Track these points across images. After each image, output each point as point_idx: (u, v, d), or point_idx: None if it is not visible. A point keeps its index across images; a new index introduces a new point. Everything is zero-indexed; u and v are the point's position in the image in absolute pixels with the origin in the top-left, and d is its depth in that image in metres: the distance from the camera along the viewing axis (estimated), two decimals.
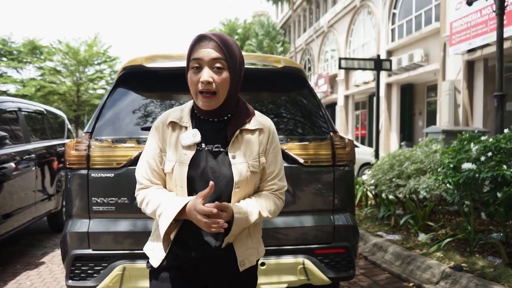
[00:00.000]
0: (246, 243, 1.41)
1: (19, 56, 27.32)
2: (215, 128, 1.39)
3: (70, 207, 2.34)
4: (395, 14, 17.08)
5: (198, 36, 1.33)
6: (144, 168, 1.41)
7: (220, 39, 1.31)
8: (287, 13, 32.10)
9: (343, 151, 2.48)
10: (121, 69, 2.59)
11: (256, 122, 1.43)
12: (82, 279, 2.25)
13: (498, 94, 5.06)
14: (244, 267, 1.39)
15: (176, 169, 1.34)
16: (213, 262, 1.38)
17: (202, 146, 1.36)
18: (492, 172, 3.16)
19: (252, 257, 1.42)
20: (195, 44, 1.32)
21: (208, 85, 1.28)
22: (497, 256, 3.48)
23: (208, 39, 1.31)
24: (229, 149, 1.36)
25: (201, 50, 1.29)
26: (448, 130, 6.61)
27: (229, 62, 1.31)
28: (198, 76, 1.29)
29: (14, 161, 4.18)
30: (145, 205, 1.38)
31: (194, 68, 1.30)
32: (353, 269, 2.45)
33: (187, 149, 1.35)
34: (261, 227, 1.52)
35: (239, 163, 1.34)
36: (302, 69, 2.77)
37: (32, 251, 4.67)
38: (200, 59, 1.29)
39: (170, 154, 1.37)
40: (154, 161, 1.40)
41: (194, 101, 1.37)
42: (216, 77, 1.29)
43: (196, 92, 1.32)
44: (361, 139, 21.01)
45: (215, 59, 1.29)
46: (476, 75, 12.01)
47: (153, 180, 1.40)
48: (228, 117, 1.40)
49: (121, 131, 2.38)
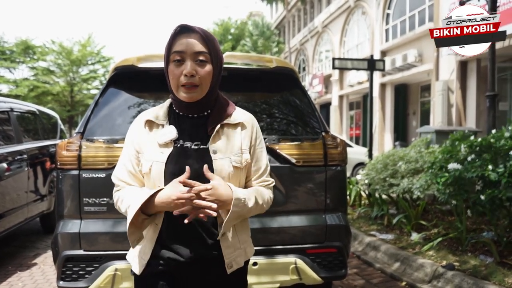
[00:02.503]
0: (233, 244, 1.34)
1: (11, 56, 27.09)
2: (195, 124, 1.35)
3: (62, 207, 2.33)
4: (389, 14, 17.14)
5: (180, 26, 1.28)
6: (120, 171, 1.38)
7: (204, 31, 1.28)
8: (281, 13, 32.11)
9: (335, 151, 2.49)
10: (113, 69, 2.58)
11: (238, 116, 1.39)
12: (74, 280, 2.24)
13: (490, 94, 5.09)
14: (231, 269, 1.34)
15: (153, 169, 1.29)
16: (200, 266, 1.32)
17: (180, 142, 1.31)
18: (478, 172, 3.18)
19: (240, 258, 1.37)
20: (175, 35, 1.28)
21: (192, 78, 1.25)
22: (489, 255, 3.51)
23: (190, 30, 1.27)
24: (210, 144, 1.31)
25: (183, 41, 1.26)
26: (440, 130, 6.66)
27: (212, 56, 1.28)
28: (181, 69, 1.26)
29: (6, 162, 4.15)
30: (120, 203, 1.33)
31: (175, 61, 1.26)
32: (345, 268, 2.46)
33: (164, 147, 1.30)
34: (248, 225, 1.46)
35: (220, 159, 1.29)
36: (294, 69, 2.78)
37: (24, 252, 4.64)
38: (183, 52, 1.25)
39: (147, 154, 1.32)
40: (130, 163, 1.36)
41: (174, 95, 1.32)
42: (199, 70, 1.26)
43: (177, 86, 1.28)
44: (355, 139, 21.07)
45: (199, 52, 1.26)
46: (469, 75, 12.09)
47: (129, 183, 1.36)
48: (208, 112, 1.36)
49: (112, 131, 2.37)
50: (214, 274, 1.34)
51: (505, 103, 11.54)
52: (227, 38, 32.89)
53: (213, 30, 33.18)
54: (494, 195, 3.04)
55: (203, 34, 1.27)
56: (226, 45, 31.14)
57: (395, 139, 16.55)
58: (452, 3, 11.49)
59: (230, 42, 31.95)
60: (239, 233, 1.38)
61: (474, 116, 11.76)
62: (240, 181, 1.35)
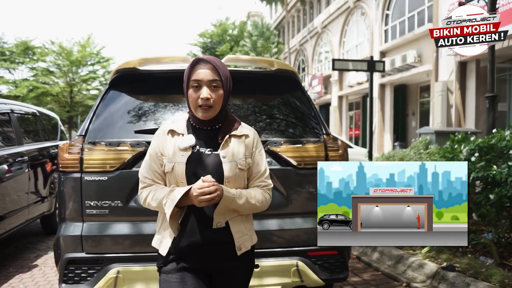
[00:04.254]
0: (241, 229, 1.63)
1: (11, 56, 27.06)
2: (208, 136, 1.65)
3: (63, 210, 2.33)
4: (388, 15, 17.17)
5: (195, 59, 1.60)
6: (147, 170, 1.65)
7: (214, 62, 1.59)
8: (281, 14, 32.13)
9: (336, 153, 2.50)
10: (114, 72, 2.59)
11: (242, 129, 1.70)
12: (76, 282, 2.25)
13: (490, 95, 5.11)
14: (241, 251, 1.61)
15: (176, 168, 1.58)
16: (214, 249, 1.58)
17: (197, 148, 1.61)
18: (483, 173, 3.19)
19: (247, 242, 1.65)
20: (193, 66, 1.59)
21: (207, 101, 1.56)
22: (489, 256, 3.52)
23: (204, 62, 1.59)
24: (220, 150, 1.61)
25: (200, 72, 1.57)
26: (440, 131, 6.68)
27: (223, 82, 1.59)
28: (198, 94, 1.57)
29: (6, 163, 4.15)
30: (150, 198, 1.59)
31: (194, 87, 1.57)
32: (346, 270, 2.46)
33: (184, 151, 1.59)
34: (252, 219, 1.73)
35: (229, 162, 1.60)
36: (295, 72, 2.79)
37: (25, 254, 4.64)
38: (200, 80, 1.57)
39: (170, 157, 1.60)
40: (156, 164, 1.64)
41: (193, 113, 1.62)
42: (213, 94, 1.57)
43: (195, 106, 1.59)
44: (355, 139, 21.09)
45: (213, 80, 1.57)
46: (469, 76, 12.11)
47: (155, 180, 1.64)
48: (219, 126, 1.66)
49: (114, 134, 2.38)
50: (226, 256, 1.61)
51: (504, 103, 11.57)
52: (225, 39, 32.85)
53: (211, 32, 33.13)
54: (502, 194, 3.05)
55: (215, 65, 1.58)
56: (225, 46, 31.10)
57: (395, 139, 16.58)
58: (451, 4, 11.52)
59: (228, 43, 31.89)
60: (245, 222, 1.68)
61: (474, 116, 11.78)
62: (244, 181, 1.66)
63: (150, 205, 1.62)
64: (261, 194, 1.66)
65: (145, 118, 2.47)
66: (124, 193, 2.27)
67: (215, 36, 32.97)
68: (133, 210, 2.30)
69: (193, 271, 1.58)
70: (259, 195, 1.64)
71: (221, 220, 1.57)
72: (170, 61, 2.58)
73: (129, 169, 2.29)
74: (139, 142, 2.32)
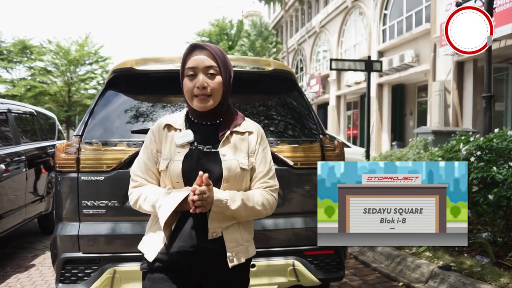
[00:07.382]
0: (236, 238, 1.45)
1: (9, 55, 26.99)
2: (208, 131, 1.50)
3: (60, 210, 2.33)
4: (386, 15, 17.19)
5: (191, 45, 1.46)
6: (140, 168, 1.51)
7: (211, 47, 1.45)
8: (279, 14, 32.11)
9: (332, 153, 2.51)
10: (111, 71, 2.59)
11: (246, 125, 1.54)
12: (73, 282, 2.25)
13: (487, 95, 5.13)
14: (233, 263, 1.42)
15: (171, 166, 1.44)
16: (204, 257, 1.42)
17: (195, 145, 1.46)
18: (482, 173, 3.20)
19: (241, 254, 1.46)
20: (188, 53, 1.45)
21: (203, 89, 1.41)
22: (485, 256, 3.54)
23: (200, 48, 1.45)
24: (220, 148, 1.46)
25: (195, 58, 1.42)
26: (437, 130, 6.70)
27: (221, 68, 1.44)
28: (194, 82, 1.42)
29: (4, 163, 4.15)
30: (142, 200, 1.45)
31: (189, 76, 1.43)
32: (342, 270, 2.47)
33: (180, 148, 1.45)
34: (252, 227, 1.57)
35: (229, 160, 1.44)
36: (292, 72, 2.79)
37: (23, 254, 4.64)
38: (195, 67, 1.42)
39: (165, 153, 1.47)
40: (150, 162, 1.49)
41: (189, 105, 1.47)
42: (210, 82, 1.42)
43: (191, 97, 1.44)
44: (353, 139, 21.11)
45: (209, 66, 1.42)
46: (466, 75, 12.14)
47: (148, 179, 1.49)
48: (220, 120, 1.51)
49: (111, 134, 2.38)
50: (217, 266, 1.44)
51: (501, 103, 11.61)
52: (223, 38, 32.87)
53: (209, 31, 33.13)
54: (501, 195, 3.06)
55: (212, 50, 1.44)
56: (222, 44, 31.09)
57: (392, 139, 16.61)
58: (449, 4, 11.53)
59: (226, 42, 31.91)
60: (243, 231, 1.49)
61: (471, 116, 11.81)
62: (245, 182, 1.50)
63: (141, 208, 1.46)
64: (263, 196, 1.48)
65: (142, 118, 2.47)
66: (120, 193, 2.28)
67: (213, 35, 32.98)
68: (129, 210, 2.28)
69: (181, 280, 1.42)
70: (259, 197, 1.47)
71: (217, 229, 1.40)
72: (168, 61, 2.58)
73: (126, 169, 2.29)
74: (136, 142, 2.32)
